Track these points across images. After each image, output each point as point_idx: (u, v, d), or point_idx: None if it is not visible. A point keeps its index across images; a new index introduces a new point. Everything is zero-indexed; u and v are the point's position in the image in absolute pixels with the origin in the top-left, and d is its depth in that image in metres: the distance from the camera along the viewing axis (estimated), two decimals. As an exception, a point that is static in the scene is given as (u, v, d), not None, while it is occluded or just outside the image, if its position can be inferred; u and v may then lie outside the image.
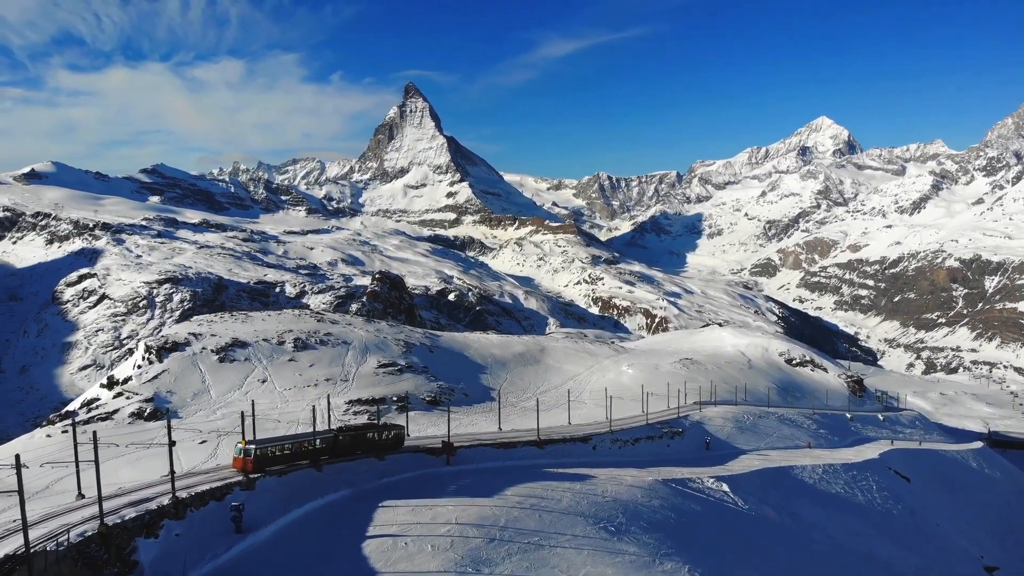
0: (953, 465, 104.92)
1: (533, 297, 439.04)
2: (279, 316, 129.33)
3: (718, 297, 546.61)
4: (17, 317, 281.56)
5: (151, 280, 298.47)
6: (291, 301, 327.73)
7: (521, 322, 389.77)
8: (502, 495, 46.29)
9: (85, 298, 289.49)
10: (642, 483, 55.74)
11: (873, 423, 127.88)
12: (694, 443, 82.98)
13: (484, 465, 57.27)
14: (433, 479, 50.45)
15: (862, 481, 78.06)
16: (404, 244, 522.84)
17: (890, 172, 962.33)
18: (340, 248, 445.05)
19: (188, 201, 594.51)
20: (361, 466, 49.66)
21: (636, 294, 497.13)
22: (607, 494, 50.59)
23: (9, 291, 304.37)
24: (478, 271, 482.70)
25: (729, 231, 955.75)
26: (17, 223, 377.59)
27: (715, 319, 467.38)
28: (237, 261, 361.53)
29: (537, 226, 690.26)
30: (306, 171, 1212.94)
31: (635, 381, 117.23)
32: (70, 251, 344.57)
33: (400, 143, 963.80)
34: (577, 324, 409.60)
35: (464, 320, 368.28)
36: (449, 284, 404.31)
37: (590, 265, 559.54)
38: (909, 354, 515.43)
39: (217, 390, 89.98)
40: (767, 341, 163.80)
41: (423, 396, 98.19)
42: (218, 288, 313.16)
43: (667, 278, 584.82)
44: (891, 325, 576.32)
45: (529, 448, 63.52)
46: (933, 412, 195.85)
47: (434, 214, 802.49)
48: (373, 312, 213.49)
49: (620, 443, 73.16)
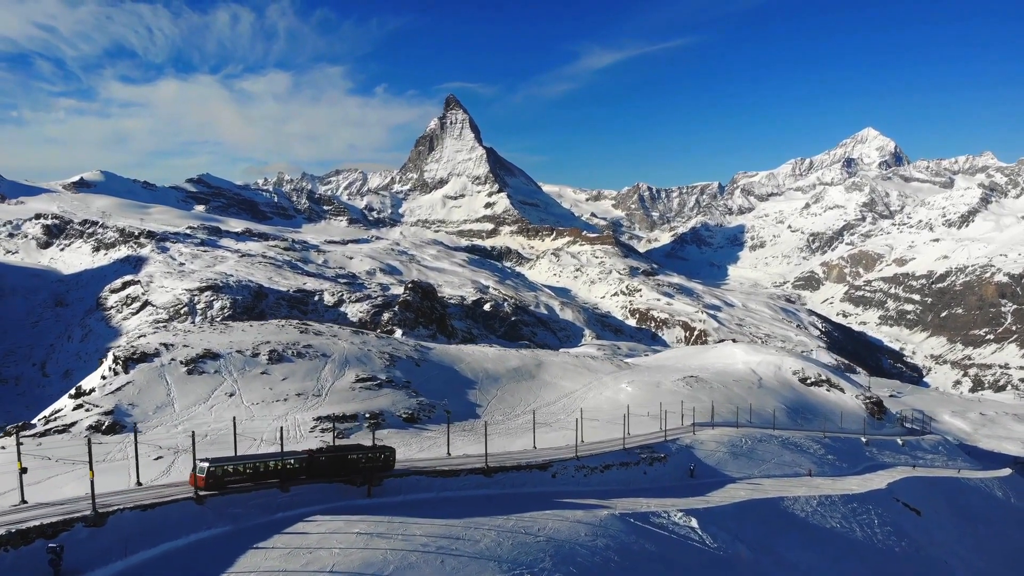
0: (975, 495, 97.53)
1: (569, 308, 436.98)
2: (261, 326, 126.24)
3: (759, 310, 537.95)
4: (63, 322, 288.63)
5: (192, 287, 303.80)
6: (329, 309, 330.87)
7: (556, 333, 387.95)
8: (408, 536, 39.54)
9: (128, 304, 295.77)
10: (593, 518, 49.43)
11: (891, 448, 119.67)
12: (677, 470, 75.94)
13: (413, 497, 50.81)
14: (340, 514, 44.31)
15: (863, 515, 71.44)
16: (441, 254, 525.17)
17: (937, 184, 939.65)
18: (378, 257, 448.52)
19: (232, 210, 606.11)
20: (269, 497, 44.22)
21: (675, 306, 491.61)
22: (542, 532, 44.44)
23: (56, 297, 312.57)
24: (514, 281, 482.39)
25: (772, 243, 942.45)
26: (65, 230, 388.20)
27: (756, 333, 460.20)
28: (277, 269, 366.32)
29: (574, 237, 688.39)
30: (349, 181, 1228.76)
31: (633, 399, 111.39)
32: (116, 258, 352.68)
33: (440, 154, 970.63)
34: (613, 336, 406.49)
35: (499, 331, 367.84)
36: (485, 294, 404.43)
37: (628, 276, 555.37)
38: (956, 371, 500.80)
39: (181, 403, 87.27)
40: (780, 359, 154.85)
41: (399, 413, 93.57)
42: (258, 296, 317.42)
43: (707, 290, 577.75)
44: (937, 341, 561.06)
45: (474, 477, 56.62)
46: (971, 433, 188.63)
47: (472, 224, 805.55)
48: (404, 321, 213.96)
49: (587, 470, 66.04)
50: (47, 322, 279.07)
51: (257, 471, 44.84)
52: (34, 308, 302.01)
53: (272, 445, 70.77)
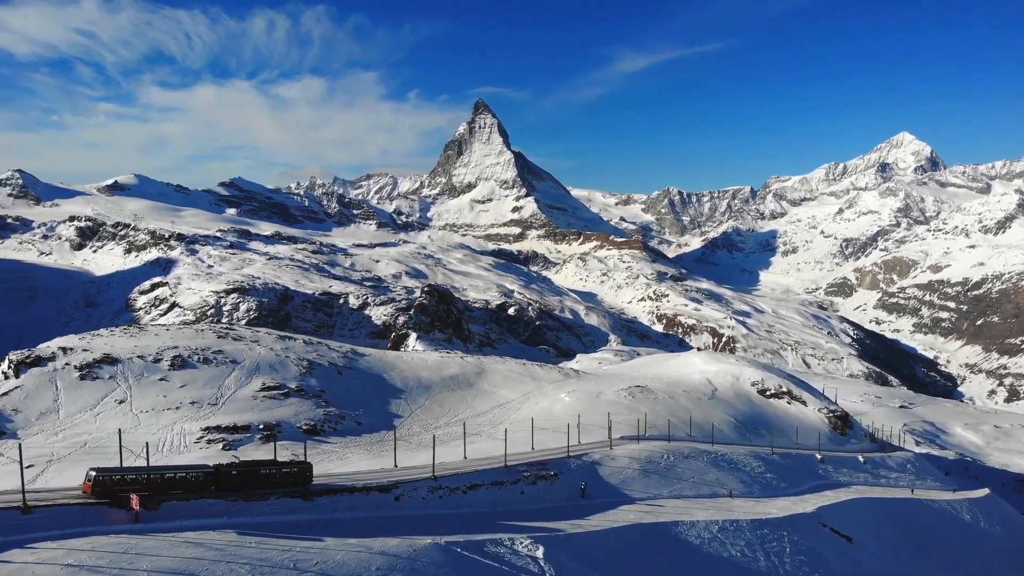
0: (935, 519, 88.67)
1: (594, 313, 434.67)
2: (178, 330, 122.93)
3: (789, 317, 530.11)
4: (92, 323, 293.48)
5: (219, 289, 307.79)
6: (354, 312, 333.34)
7: (581, 338, 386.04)
8: (124, 570, 33.46)
9: (156, 306, 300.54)
10: (409, 548, 42.36)
11: (850, 465, 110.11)
12: (567, 489, 67.95)
13: (197, 522, 42.67)
14: (83, 537, 37.11)
15: (772, 542, 63.60)
16: (467, 258, 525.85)
17: (974, 190, 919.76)
18: (405, 261, 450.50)
19: (264, 214, 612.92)
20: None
21: (703, 312, 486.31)
22: (315, 567, 37.36)
23: (87, 298, 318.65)
24: (540, 286, 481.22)
25: (804, 249, 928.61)
26: (98, 232, 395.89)
27: (785, 340, 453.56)
28: (304, 272, 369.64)
29: (602, 241, 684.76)
30: (379, 186, 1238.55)
31: (569, 410, 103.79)
32: (146, 260, 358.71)
33: (468, 159, 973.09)
34: (639, 342, 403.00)
35: (523, 335, 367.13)
36: (509, 298, 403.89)
37: (655, 281, 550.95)
38: (991, 380, 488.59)
39: (67, 410, 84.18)
40: (740, 368, 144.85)
41: (300, 424, 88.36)
42: (284, 298, 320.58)
43: (737, 296, 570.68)
44: (972, 350, 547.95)
45: (290, 501, 49.60)
46: (983, 447, 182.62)
47: (499, 228, 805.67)
48: (419, 324, 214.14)
49: (446, 491, 58.61)
50: (77, 323, 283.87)
51: (154, 482, 44.18)
52: (65, 309, 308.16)
53: (142, 457, 71.88)
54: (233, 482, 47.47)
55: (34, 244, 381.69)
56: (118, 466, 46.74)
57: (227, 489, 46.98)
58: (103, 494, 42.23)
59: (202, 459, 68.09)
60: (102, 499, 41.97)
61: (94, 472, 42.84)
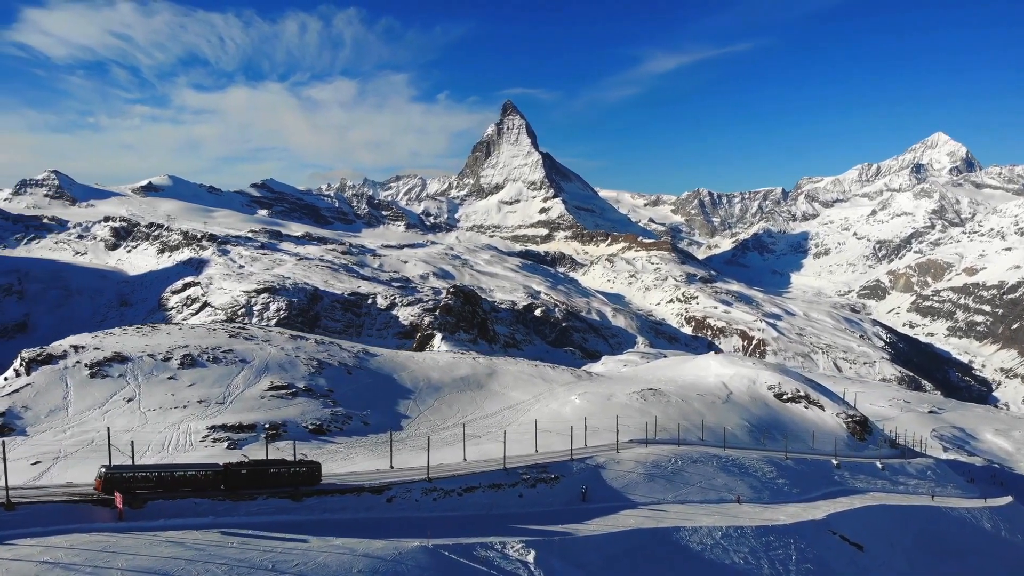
0: (954, 527, 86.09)
1: (621, 315, 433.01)
2: (191, 330, 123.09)
3: (821, 320, 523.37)
4: (126, 322, 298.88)
5: (250, 289, 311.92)
6: (382, 312, 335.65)
7: (608, 340, 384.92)
8: (97, 569, 33.21)
9: (188, 305, 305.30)
10: (394, 551, 41.45)
11: (868, 471, 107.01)
12: (567, 493, 67.01)
13: (181, 522, 42.55)
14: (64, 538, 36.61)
15: (778, 549, 61.47)
16: (494, 259, 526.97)
17: (1011, 191, 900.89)
18: (432, 262, 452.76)
19: (295, 215, 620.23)
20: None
21: (732, 314, 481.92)
22: (295, 568, 36.57)
23: (121, 297, 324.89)
24: (566, 287, 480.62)
25: (836, 251, 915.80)
26: (132, 233, 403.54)
27: (816, 343, 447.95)
28: (334, 273, 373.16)
29: (630, 242, 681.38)
30: (408, 187, 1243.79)
31: (579, 412, 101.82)
32: (179, 260, 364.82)
33: (496, 160, 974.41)
34: (667, 344, 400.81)
35: (549, 336, 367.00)
36: (536, 299, 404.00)
37: (684, 283, 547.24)
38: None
39: (76, 408, 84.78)
40: (756, 372, 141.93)
41: (306, 424, 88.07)
42: (313, 298, 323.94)
43: (768, 299, 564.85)
44: (1008, 354, 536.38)
45: (279, 501, 48.93)
46: (1013, 453, 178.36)
47: (526, 230, 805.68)
48: (445, 325, 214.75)
49: (441, 493, 57.74)
50: (111, 322, 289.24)
51: (164, 480, 44.84)
52: (99, 308, 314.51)
53: (159, 454, 70.22)
54: (243, 481, 47.93)
55: (69, 244, 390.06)
56: (130, 463, 47.58)
57: (237, 488, 47.50)
58: (113, 491, 42.98)
59: (206, 458, 68.88)
60: (111, 496, 42.70)
61: (104, 469, 43.64)
